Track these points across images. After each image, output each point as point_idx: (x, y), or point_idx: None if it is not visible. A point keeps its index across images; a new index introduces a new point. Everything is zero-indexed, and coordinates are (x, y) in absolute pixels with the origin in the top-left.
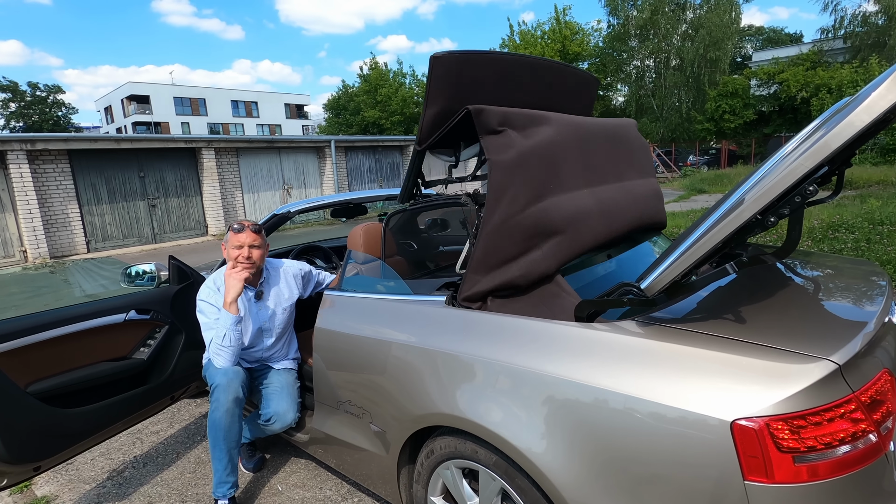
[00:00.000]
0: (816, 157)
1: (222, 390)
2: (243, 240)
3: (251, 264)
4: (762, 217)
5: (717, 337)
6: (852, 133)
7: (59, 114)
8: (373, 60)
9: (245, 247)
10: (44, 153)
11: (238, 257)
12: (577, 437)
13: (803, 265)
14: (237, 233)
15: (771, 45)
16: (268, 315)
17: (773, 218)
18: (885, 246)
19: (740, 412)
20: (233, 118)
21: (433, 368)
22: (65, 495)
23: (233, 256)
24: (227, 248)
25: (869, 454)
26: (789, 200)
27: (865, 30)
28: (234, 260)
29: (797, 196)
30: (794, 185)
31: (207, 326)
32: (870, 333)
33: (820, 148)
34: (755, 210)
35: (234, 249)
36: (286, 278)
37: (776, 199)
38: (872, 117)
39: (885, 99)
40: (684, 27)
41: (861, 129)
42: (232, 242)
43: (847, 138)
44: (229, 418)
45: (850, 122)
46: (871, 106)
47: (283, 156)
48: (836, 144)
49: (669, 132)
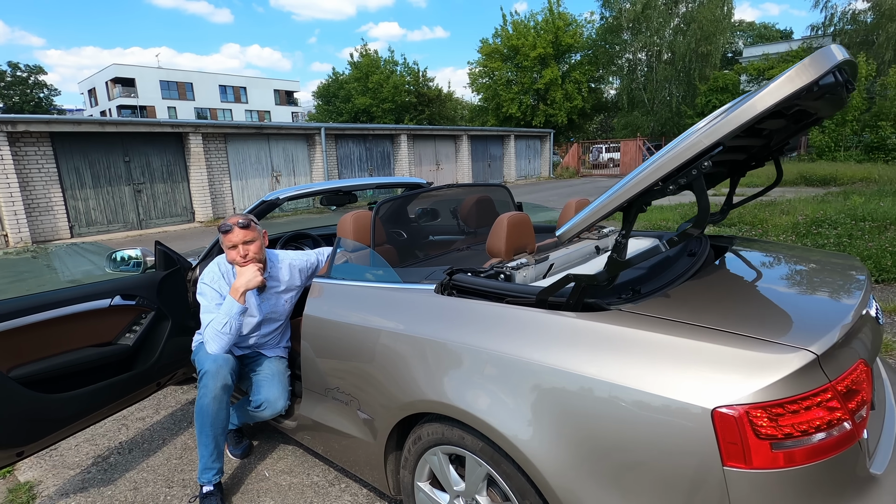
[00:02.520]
0: (713, 137)
1: (211, 377)
2: (234, 239)
3: (252, 260)
4: (663, 184)
5: (700, 327)
6: (750, 116)
7: (40, 95)
8: (364, 47)
9: (238, 245)
10: (25, 135)
11: (236, 258)
12: (563, 425)
13: (786, 258)
14: (227, 233)
15: (762, 41)
16: (270, 306)
17: (671, 186)
18: (867, 242)
19: (721, 400)
20: (221, 103)
21: (422, 356)
22: (48, 480)
23: (231, 258)
24: (225, 249)
25: (843, 441)
26: (686, 173)
27: (854, 28)
28: (233, 261)
29: (693, 170)
30: (691, 159)
31: (206, 310)
32: (847, 325)
33: (719, 128)
34: (656, 178)
35: (229, 251)
36: (290, 269)
37: (675, 170)
38: (774, 100)
39: (786, 86)
40: (677, 21)
41: (761, 113)
42: (226, 244)
43: (745, 120)
44: (217, 405)
45: (752, 105)
46: (774, 91)
47: (272, 143)
48: (733, 126)
49: (660, 126)
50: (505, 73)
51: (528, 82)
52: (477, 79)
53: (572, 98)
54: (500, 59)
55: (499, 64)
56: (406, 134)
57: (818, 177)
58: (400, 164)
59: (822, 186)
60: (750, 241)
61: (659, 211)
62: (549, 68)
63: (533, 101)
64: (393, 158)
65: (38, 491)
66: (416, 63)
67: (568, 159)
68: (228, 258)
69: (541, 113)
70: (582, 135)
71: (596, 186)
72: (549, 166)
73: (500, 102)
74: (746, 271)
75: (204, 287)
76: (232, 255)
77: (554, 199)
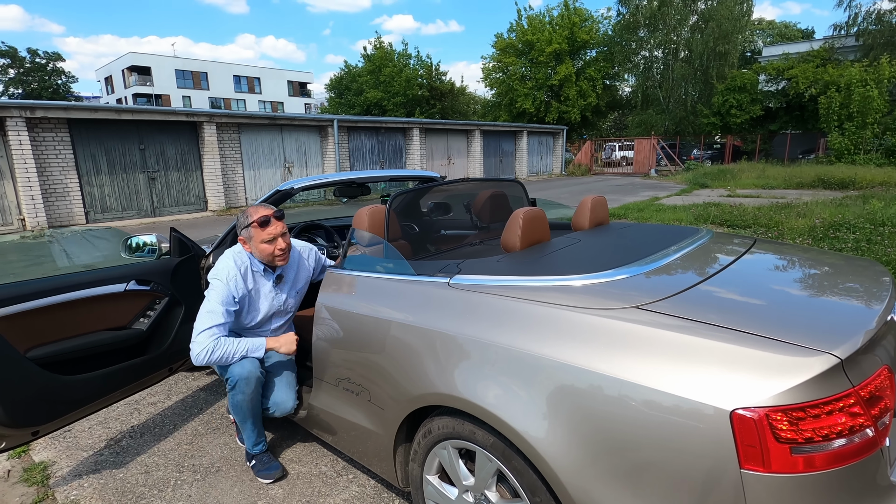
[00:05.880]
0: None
1: (245, 382)
2: (274, 231)
3: (286, 254)
4: None
5: (720, 327)
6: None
7: (58, 82)
8: (377, 40)
9: (277, 238)
10: (43, 121)
11: (274, 251)
12: (577, 422)
13: (808, 261)
14: (264, 226)
15: (782, 40)
16: (282, 300)
17: None
18: (886, 247)
19: (740, 402)
20: (235, 93)
21: (434, 349)
22: (62, 461)
23: (267, 252)
24: (253, 243)
25: (865, 448)
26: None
27: (879, 28)
28: (271, 255)
29: None
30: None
31: (210, 307)
32: (872, 330)
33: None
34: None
35: (265, 245)
36: (303, 261)
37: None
38: None
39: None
40: (694, 18)
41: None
42: (260, 238)
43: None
44: (254, 402)
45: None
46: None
47: (285, 133)
48: None
49: (674, 125)
50: (519, 69)
51: (542, 78)
52: (490, 73)
53: (586, 95)
54: (515, 54)
55: (513, 59)
56: (418, 128)
57: (836, 180)
58: (412, 158)
59: (840, 190)
60: (771, 243)
61: (673, 211)
62: (563, 64)
63: (547, 97)
64: (405, 152)
65: (52, 471)
66: (430, 56)
67: (580, 156)
68: (263, 253)
69: (554, 109)
70: (595, 132)
71: (609, 184)
72: (561, 163)
73: (514, 98)
74: (767, 273)
75: (217, 284)
76: (267, 250)
77: (566, 197)
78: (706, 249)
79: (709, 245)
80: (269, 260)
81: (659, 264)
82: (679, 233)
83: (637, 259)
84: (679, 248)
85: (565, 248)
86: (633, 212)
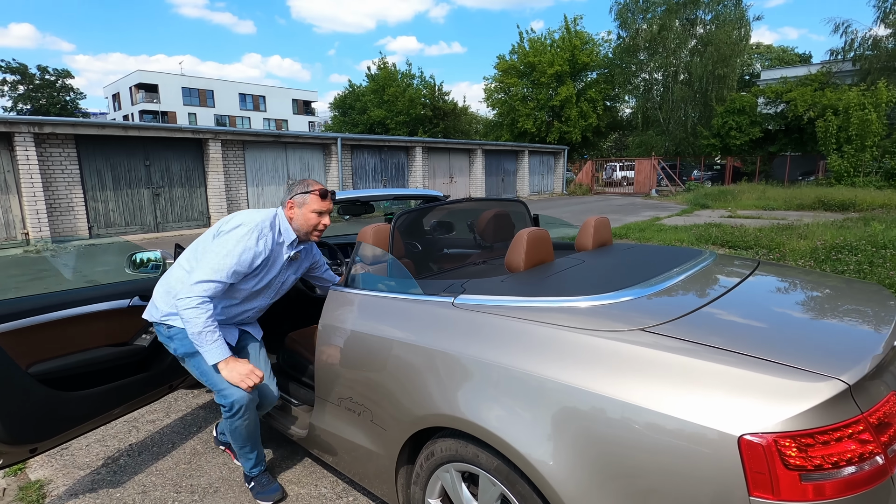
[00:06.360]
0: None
1: (247, 408)
2: (328, 206)
3: (321, 234)
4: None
5: (726, 351)
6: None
7: (66, 98)
8: (381, 60)
9: (326, 214)
10: (51, 137)
11: (318, 225)
12: (583, 446)
13: (812, 284)
14: (323, 199)
15: (780, 64)
16: (284, 279)
17: None
18: (888, 270)
19: (748, 427)
20: (240, 111)
21: (438, 369)
22: (59, 480)
23: (311, 223)
24: (303, 210)
25: (875, 476)
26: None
27: (875, 53)
28: (312, 227)
29: None
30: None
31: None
32: (879, 356)
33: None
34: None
35: (313, 214)
36: (310, 252)
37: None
38: None
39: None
40: (693, 42)
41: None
42: (314, 206)
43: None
44: (253, 425)
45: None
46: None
47: (289, 151)
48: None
49: (674, 146)
50: (521, 90)
51: (543, 99)
52: (492, 94)
53: (587, 116)
54: (517, 75)
55: (515, 80)
56: (421, 146)
57: (836, 202)
58: (414, 176)
59: (841, 212)
60: (775, 266)
61: (674, 232)
62: (564, 86)
63: (548, 117)
64: (407, 170)
65: (49, 490)
66: (433, 77)
67: (581, 176)
68: (308, 222)
69: (555, 129)
70: (596, 152)
71: (610, 204)
72: (562, 182)
73: (516, 117)
74: (772, 296)
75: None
76: (313, 221)
77: (568, 216)
78: (710, 272)
79: (713, 267)
80: (307, 231)
81: (664, 286)
82: (683, 254)
83: (642, 281)
84: (683, 271)
85: (569, 269)
86: (635, 231)
